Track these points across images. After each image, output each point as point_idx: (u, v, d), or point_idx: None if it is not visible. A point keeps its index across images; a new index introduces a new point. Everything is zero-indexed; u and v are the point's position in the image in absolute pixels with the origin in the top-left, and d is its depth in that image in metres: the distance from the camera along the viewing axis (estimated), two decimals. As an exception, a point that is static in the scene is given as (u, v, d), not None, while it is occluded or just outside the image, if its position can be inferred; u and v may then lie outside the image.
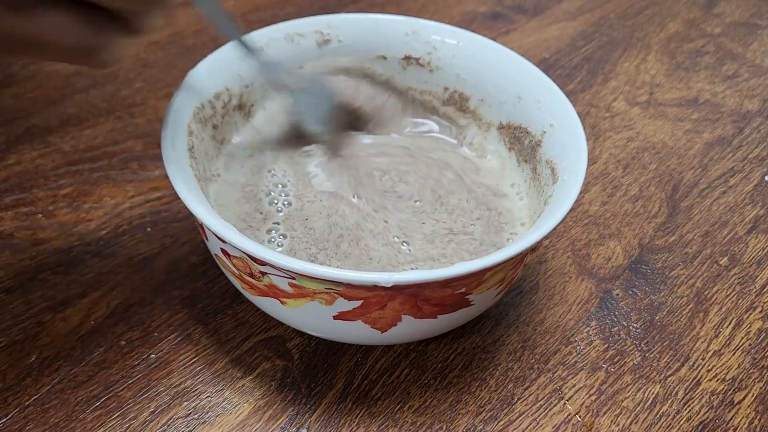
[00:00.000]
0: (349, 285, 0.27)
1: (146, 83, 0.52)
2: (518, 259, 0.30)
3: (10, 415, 0.32)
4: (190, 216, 0.41)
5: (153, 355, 0.35)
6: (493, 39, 0.42)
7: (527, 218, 0.37)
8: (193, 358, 0.35)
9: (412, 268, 0.34)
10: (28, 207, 0.42)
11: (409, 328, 0.31)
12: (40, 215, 0.41)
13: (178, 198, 0.29)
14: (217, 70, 0.37)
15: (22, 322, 0.36)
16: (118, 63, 0.29)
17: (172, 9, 0.24)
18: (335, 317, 0.30)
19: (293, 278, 0.28)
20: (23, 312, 0.36)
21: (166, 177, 0.30)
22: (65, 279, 0.38)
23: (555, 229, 0.29)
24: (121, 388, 0.33)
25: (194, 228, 0.41)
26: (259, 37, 0.39)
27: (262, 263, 0.28)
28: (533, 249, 0.31)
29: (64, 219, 0.41)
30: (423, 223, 0.36)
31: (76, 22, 0.23)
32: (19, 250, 0.39)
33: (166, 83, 0.52)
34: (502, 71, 0.39)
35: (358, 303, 0.28)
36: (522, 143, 0.38)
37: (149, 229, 0.41)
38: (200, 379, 0.34)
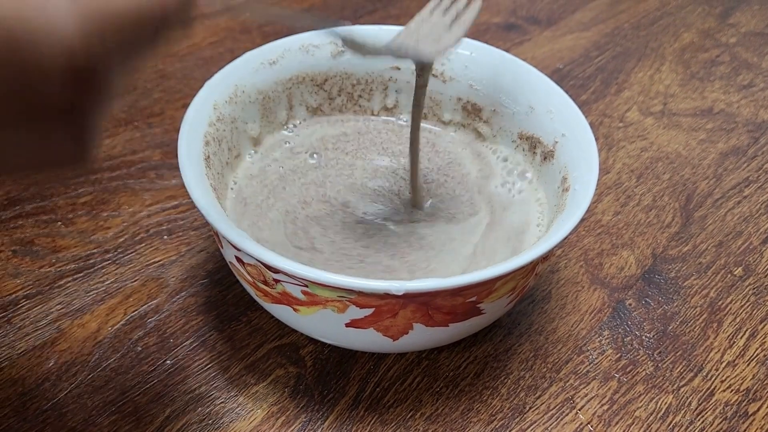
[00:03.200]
0: (360, 293, 0.28)
1: (164, 94, 0.53)
2: (529, 268, 0.30)
3: (28, 419, 0.32)
4: (206, 224, 0.41)
5: (168, 361, 0.35)
6: (507, 50, 0.43)
7: (538, 227, 0.37)
8: (208, 364, 0.35)
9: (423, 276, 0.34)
10: (48, 215, 0.42)
11: (420, 336, 0.31)
12: (60, 223, 0.42)
13: (194, 207, 0.29)
14: (233, 81, 0.38)
15: (41, 327, 0.36)
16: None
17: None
18: (347, 325, 0.30)
19: (306, 286, 0.28)
20: (42, 318, 0.37)
21: (183, 186, 0.30)
22: (83, 286, 0.38)
23: (566, 238, 0.30)
24: (137, 393, 0.34)
25: (210, 236, 0.41)
26: (275, 48, 0.40)
27: (276, 271, 0.28)
28: (544, 258, 0.31)
29: (83, 227, 0.42)
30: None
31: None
32: (39, 257, 0.40)
33: (183, 94, 0.53)
34: (514, 82, 0.40)
35: (369, 311, 0.29)
36: (534, 153, 0.39)
37: (166, 237, 0.41)
38: (215, 385, 0.34)
